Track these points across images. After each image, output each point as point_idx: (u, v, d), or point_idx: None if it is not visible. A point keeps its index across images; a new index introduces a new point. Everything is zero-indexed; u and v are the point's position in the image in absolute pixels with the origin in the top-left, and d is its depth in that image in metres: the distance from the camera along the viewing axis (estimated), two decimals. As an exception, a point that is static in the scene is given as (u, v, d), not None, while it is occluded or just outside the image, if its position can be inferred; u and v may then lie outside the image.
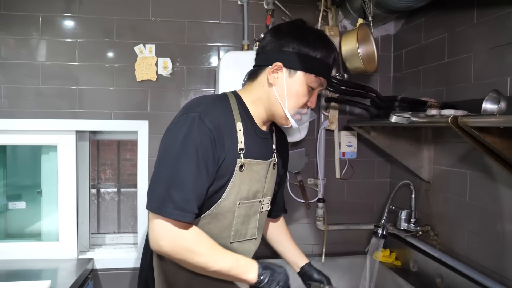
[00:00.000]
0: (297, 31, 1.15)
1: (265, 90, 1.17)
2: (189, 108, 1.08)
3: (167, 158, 1.02)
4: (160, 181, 1.00)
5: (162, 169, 1.02)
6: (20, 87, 1.86)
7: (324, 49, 1.14)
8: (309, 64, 1.13)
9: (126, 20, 1.91)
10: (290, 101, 1.15)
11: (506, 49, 1.33)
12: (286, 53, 1.13)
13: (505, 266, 1.35)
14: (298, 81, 1.14)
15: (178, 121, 1.06)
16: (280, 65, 1.13)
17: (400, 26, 2.02)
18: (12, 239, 2.02)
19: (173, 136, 1.04)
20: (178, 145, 1.01)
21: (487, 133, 1.07)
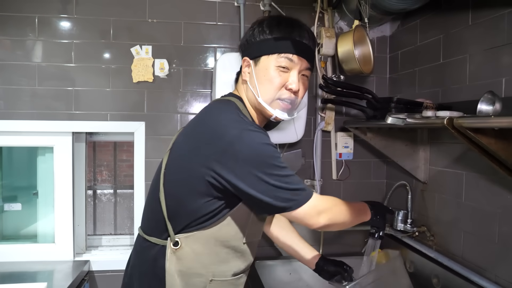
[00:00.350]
0: (255, 24, 1.19)
1: (244, 88, 1.21)
2: (237, 125, 1.04)
3: (270, 172, 1.01)
4: (277, 189, 1.01)
5: (275, 181, 1.00)
6: (16, 88, 1.85)
7: (278, 27, 1.14)
8: (268, 46, 1.13)
9: (123, 21, 1.91)
10: (261, 89, 1.14)
11: (501, 51, 1.34)
12: (248, 46, 1.18)
13: (500, 266, 1.35)
14: (264, 66, 1.14)
15: (243, 140, 1.01)
16: (247, 59, 1.18)
17: (395, 27, 2.03)
18: (8, 241, 2.01)
19: (254, 153, 1.01)
20: (268, 158, 1.01)
21: (483, 134, 1.08)
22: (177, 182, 1.10)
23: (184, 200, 1.08)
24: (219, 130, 1.03)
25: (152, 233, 1.15)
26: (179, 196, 1.09)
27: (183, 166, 1.09)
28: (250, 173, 1.00)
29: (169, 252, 1.09)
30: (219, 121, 1.06)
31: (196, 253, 1.10)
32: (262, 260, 1.95)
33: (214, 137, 1.03)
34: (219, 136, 1.02)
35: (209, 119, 1.10)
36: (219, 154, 1.01)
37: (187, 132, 1.15)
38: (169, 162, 1.14)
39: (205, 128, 1.08)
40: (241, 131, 1.01)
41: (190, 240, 1.09)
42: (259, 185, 1.00)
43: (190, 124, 1.18)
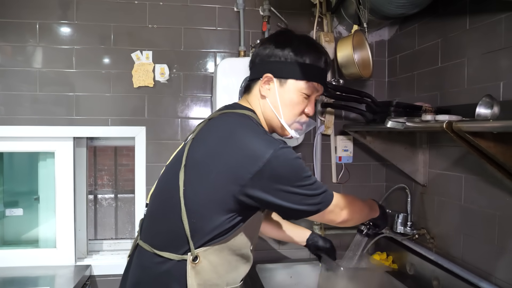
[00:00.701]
0: (282, 38, 1.16)
1: (261, 103, 1.18)
2: (270, 145, 1.03)
3: (300, 183, 1.03)
4: (309, 197, 1.05)
5: (307, 188, 1.04)
6: (17, 94, 1.86)
7: (310, 53, 1.14)
8: (297, 71, 1.13)
9: (123, 27, 1.92)
10: (285, 111, 1.15)
11: (499, 55, 1.36)
12: (273, 63, 1.14)
13: (500, 268, 1.36)
14: (290, 90, 1.14)
15: (277, 158, 1.01)
16: (270, 76, 1.14)
17: (394, 31, 2.05)
18: (9, 246, 2.01)
19: (288, 170, 1.03)
20: (296, 174, 1.03)
21: (482, 138, 1.09)
22: (203, 200, 1.06)
23: (209, 218, 1.06)
24: (252, 152, 1.02)
25: (166, 248, 1.09)
26: (204, 214, 1.06)
27: (211, 185, 1.05)
28: (285, 189, 1.02)
29: (189, 267, 1.06)
30: (250, 142, 1.04)
31: (213, 265, 1.08)
32: (263, 264, 1.96)
33: (249, 159, 1.02)
34: (254, 157, 1.01)
35: (237, 139, 1.07)
36: (255, 175, 1.00)
37: (210, 151, 1.09)
38: (189, 180, 1.08)
39: (235, 149, 1.05)
40: (275, 150, 1.01)
41: (207, 253, 1.07)
42: (293, 197, 1.03)
43: (210, 141, 1.11)
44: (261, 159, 1.00)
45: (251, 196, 1.03)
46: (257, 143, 1.03)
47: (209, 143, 1.11)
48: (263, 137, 1.06)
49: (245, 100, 1.23)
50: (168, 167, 1.21)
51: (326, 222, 1.16)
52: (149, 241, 1.14)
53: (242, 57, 1.90)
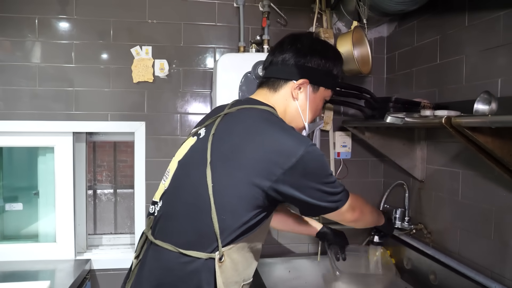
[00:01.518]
0: (319, 47, 1.21)
1: (288, 103, 1.20)
2: (302, 141, 1.06)
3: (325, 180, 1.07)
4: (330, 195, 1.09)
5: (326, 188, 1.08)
6: (16, 89, 1.86)
7: (340, 66, 1.25)
8: (329, 81, 1.22)
9: (123, 22, 1.92)
10: (310, 115, 1.22)
11: (497, 51, 1.37)
12: (311, 70, 1.18)
13: (496, 262, 1.39)
14: (320, 97, 1.22)
15: (310, 156, 1.04)
16: (307, 81, 1.18)
17: (393, 28, 2.06)
18: (9, 240, 2.02)
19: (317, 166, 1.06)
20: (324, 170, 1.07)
21: (480, 133, 1.10)
22: (232, 197, 1.04)
23: (238, 214, 1.05)
24: (285, 147, 1.03)
25: (193, 247, 1.05)
26: (234, 210, 1.05)
27: (241, 181, 1.04)
28: (312, 185, 1.06)
29: (217, 266, 1.04)
30: (281, 137, 1.05)
31: (234, 263, 1.08)
32: (262, 258, 1.97)
33: (281, 154, 1.02)
34: (287, 153, 1.02)
35: (267, 133, 1.07)
36: (288, 170, 1.02)
37: (238, 146, 1.07)
38: (218, 177, 1.06)
39: (266, 144, 1.05)
40: (307, 146, 1.03)
41: (231, 251, 1.06)
42: (317, 194, 1.06)
43: (235, 136, 1.10)
44: (294, 155, 1.01)
45: (280, 191, 1.03)
46: (288, 139, 1.04)
47: (235, 138, 1.09)
48: (293, 133, 1.08)
49: (263, 96, 1.22)
50: (182, 163, 1.16)
51: (339, 220, 1.20)
52: (171, 241, 1.08)
53: (242, 53, 1.90)
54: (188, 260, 1.05)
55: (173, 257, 1.07)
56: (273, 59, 1.22)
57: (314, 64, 1.18)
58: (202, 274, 1.04)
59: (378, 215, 1.46)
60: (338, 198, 1.12)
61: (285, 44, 1.21)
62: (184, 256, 1.05)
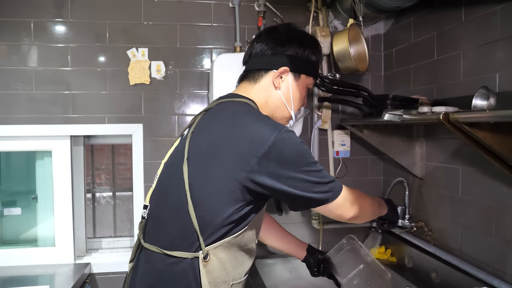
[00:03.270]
0: (297, 35, 1.21)
1: (269, 93, 1.20)
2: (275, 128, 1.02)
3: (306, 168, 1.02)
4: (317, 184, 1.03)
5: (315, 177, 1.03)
6: (13, 93, 1.85)
7: (318, 52, 1.24)
8: (310, 68, 1.22)
9: (118, 24, 1.91)
10: (295, 103, 1.22)
11: (494, 46, 1.36)
12: (290, 57, 1.18)
13: (498, 259, 1.37)
14: (302, 84, 1.22)
15: (283, 140, 1.00)
16: (287, 69, 1.18)
17: (389, 25, 2.05)
18: (8, 245, 2.01)
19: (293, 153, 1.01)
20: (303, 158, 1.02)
21: (478, 129, 1.09)
22: (209, 192, 1.03)
23: (217, 209, 1.02)
24: (257, 135, 1.00)
25: (177, 248, 1.05)
26: (212, 206, 1.03)
27: (217, 175, 1.02)
28: (291, 175, 1.00)
29: (201, 266, 1.03)
30: (254, 125, 1.03)
31: (221, 262, 1.06)
32: (262, 259, 1.96)
33: (254, 142, 1.00)
34: (259, 140, 0.99)
35: (240, 124, 1.05)
36: (261, 159, 0.98)
37: (213, 140, 1.06)
38: (194, 172, 1.05)
39: (239, 134, 1.03)
40: (281, 132, 1.00)
41: (217, 250, 1.04)
42: (300, 184, 1.01)
43: (211, 130, 1.09)
44: (266, 141, 0.98)
45: (258, 183, 1.00)
46: (261, 126, 1.02)
47: (211, 132, 1.08)
48: (267, 121, 1.06)
49: (243, 89, 1.21)
50: (167, 164, 1.17)
51: (335, 217, 1.13)
52: (157, 243, 1.09)
53: (238, 53, 1.89)
54: (174, 261, 1.05)
55: (160, 259, 1.07)
56: (252, 52, 1.22)
57: (292, 52, 1.18)
58: (190, 275, 1.04)
59: (379, 205, 1.38)
60: (327, 189, 1.05)
61: (262, 36, 1.22)
62: (170, 257, 1.05)
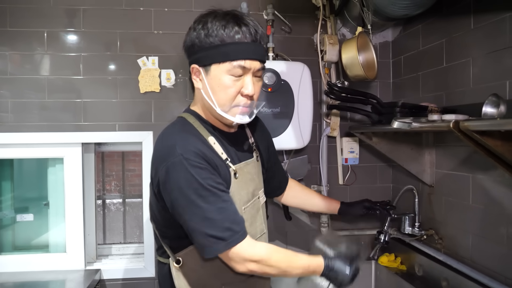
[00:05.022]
0: (197, 25, 1.08)
1: (199, 96, 1.15)
2: (167, 156, 1.04)
3: (190, 210, 1.02)
4: (198, 232, 1.01)
5: (193, 220, 1.02)
6: (25, 101, 1.89)
7: (224, 29, 1.04)
8: (217, 54, 1.04)
9: (129, 33, 1.95)
10: (217, 98, 1.08)
11: (504, 54, 1.36)
12: (196, 53, 1.08)
13: (510, 268, 1.36)
14: (215, 75, 1.06)
15: (168, 172, 1.03)
16: (195, 66, 1.10)
17: (397, 33, 2.05)
18: (20, 251, 2.03)
19: (178, 188, 1.02)
20: (188, 194, 1.01)
21: (489, 137, 1.09)
22: (154, 206, 1.17)
23: (164, 220, 1.15)
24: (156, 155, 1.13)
25: (161, 254, 1.22)
26: (158, 217, 1.17)
27: (151, 191, 1.17)
28: (174, 205, 1.08)
29: (174, 270, 1.14)
30: (157, 145, 1.15)
31: (200, 265, 1.12)
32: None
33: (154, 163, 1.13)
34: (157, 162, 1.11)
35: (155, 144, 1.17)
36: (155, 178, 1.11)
37: None
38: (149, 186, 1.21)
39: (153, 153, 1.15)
40: (172, 166, 1.05)
41: (189, 255, 1.12)
42: (182, 200, 1.07)
43: None
44: (161, 163, 1.06)
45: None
46: (163, 150, 1.09)
47: None
48: (172, 142, 1.07)
49: (193, 100, 1.25)
50: None
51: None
52: (156, 251, 1.28)
53: (247, 61, 1.90)
54: (161, 265, 1.23)
55: (157, 264, 1.29)
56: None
57: (195, 46, 1.07)
58: (170, 278, 1.18)
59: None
60: (198, 243, 1.04)
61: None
62: (159, 262, 1.24)
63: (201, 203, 1.00)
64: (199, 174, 1.01)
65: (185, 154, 1.02)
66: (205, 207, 1.00)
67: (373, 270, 2.06)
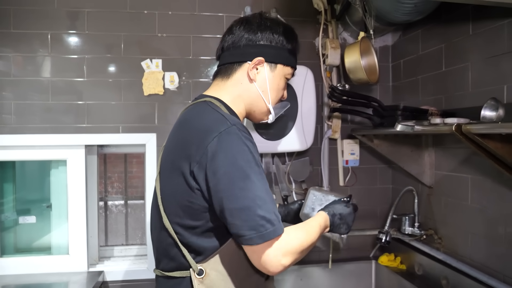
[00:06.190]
0: (269, 23, 1.13)
1: (244, 87, 1.12)
2: (218, 127, 0.96)
3: (244, 184, 0.91)
4: (246, 211, 0.89)
5: (247, 197, 0.90)
6: (29, 103, 1.89)
7: (294, 40, 1.16)
8: (285, 56, 1.14)
9: (133, 36, 1.96)
10: (272, 95, 1.14)
11: (502, 59, 1.40)
12: (264, 47, 1.10)
13: (508, 266, 1.40)
14: (279, 75, 1.14)
15: (221, 142, 0.93)
16: (262, 59, 1.10)
17: (397, 37, 2.10)
18: (23, 253, 2.03)
19: (232, 159, 0.92)
20: (243, 166, 0.91)
21: (489, 139, 1.13)
22: (174, 206, 1.01)
23: (190, 222, 1.00)
24: (204, 127, 0.99)
25: (174, 268, 1.05)
26: (181, 217, 1.01)
27: (173, 182, 1.00)
28: (220, 179, 0.93)
29: (196, 283, 0.98)
30: (202, 122, 1.02)
31: (223, 274, 1.00)
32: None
33: (199, 134, 0.98)
34: (205, 132, 0.97)
35: (190, 124, 1.05)
36: (200, 159, 0.95)
37: (170, 148, 1.07)
38: (163, 186, 1.05)
39: (187, 132, 1.03)
40: (229, 126, 0.97)
41: (214, 264, 0.99)
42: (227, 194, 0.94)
43: (170, 139, 1.11)
44: (211, 133, 0.95)
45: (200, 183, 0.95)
46: (209, 121, 0.99)
47: (169, 143, 1.10)
48: (215, 116, 1.01)
49: (214, 87, 1.16)
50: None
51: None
52: (159, 266, 1.11)
53: (250, 64, 1.93)
54: (176, 281, 1.04)
55: (164, 282, 1.08)
56: (223, 45, 1.16)
57: (266, 40, 1.11)
58: None
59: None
60: (241, 222, 0.89)
61: (233, 28, 1.15)
62: (172, 278, 1.04)
63: (254, 178, 0.91)
64: (251, 147, 0.95)
65: (238, 125, 0.97)
66: (258, 184, 0.91)
67: (373, 269, 2.10)
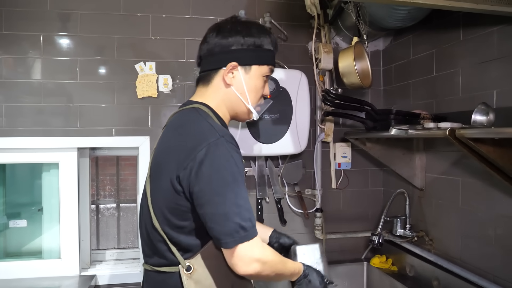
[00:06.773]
0: (240, 26, 1.17)
1: (223, 91, 1.18)
2: (207, 137, 1.03)
3: (225, 192, 0.99)
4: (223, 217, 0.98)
5: (225, 204, 0.98)
6: (20, 106, 1.86)
7: (267, 38, 1.19)
8: (260, 57, 1.18)
9: (127, 38, 1.95)
10: (251, 96, 1.19)
11: (492, 65, 1.45)
12: (236, 52, 1.15)
13: (498, 266, 1.44)
14: (255, 75, 1.18)
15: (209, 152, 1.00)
16: (235, 64, 1.15)
17: (388, 42, 2.14)
18: (14, 258, 1.99)
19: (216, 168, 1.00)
20: (226, 176, 0.99)
21: (482, 144, 1.16)
22: (163, 206, 1.08)
23: (172, 220, 1.07)
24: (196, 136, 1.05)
25: (163, 264, 1.11)
26: (169, 220, 1.07)
27: (163, 186, 1.06)
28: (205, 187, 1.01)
29: (185, 278, 1.06)
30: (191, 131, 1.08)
31: (212, 269, 1.07)
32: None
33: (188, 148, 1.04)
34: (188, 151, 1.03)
35: (181, 131, 1.10)
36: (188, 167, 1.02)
37: (160, 152, 1.13)
38: (153, 188, 1.11)
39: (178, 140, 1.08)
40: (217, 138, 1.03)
41: (200, 259, 1.07)
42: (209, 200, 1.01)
43: (160, 144, 1.16)
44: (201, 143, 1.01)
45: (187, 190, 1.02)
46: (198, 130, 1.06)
47: (160, 146, 1.15)
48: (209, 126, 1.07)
49: (198, 94, 1.22)
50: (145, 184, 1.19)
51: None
52: (148, 261, 1.16)
53: (244, 68, 1.94)
54: (166, 276, 1.10)
55: (155, 277, 1.13)
56: (200, 54, 1.22)
57: (237, 45, 1.15)
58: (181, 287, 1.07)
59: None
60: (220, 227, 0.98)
61: (207, 36, 1.19)
62: (162, 273, 1.10)
63: (236, 188, 1.00)
64: (237, 158, 1.03)
65: (225, 136, 1.04)
66: (238, 192, 1.00)
67: (365, 271, 2.12)
